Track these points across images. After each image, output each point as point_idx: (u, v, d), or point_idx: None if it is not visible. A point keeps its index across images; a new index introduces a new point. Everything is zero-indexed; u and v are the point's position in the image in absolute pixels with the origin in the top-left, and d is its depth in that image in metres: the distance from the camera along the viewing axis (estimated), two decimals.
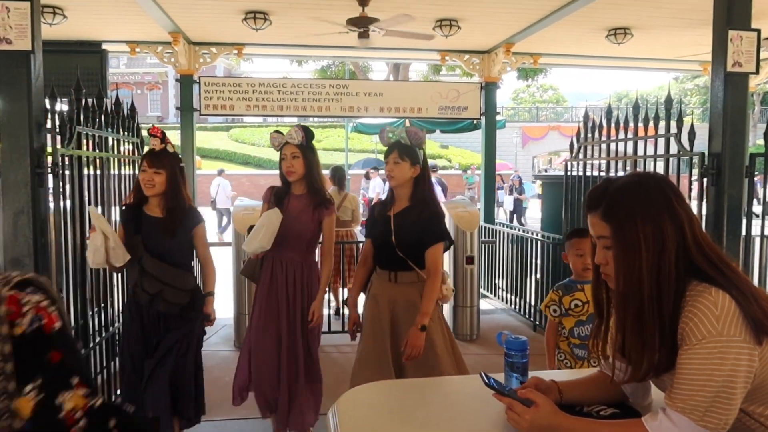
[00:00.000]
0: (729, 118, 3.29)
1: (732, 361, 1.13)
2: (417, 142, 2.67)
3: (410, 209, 2.68)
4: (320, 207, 2.99)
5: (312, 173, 2.98)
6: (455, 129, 9.77)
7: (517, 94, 47.24)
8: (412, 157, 2.64)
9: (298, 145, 2.93)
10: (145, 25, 5.71)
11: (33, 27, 2.67)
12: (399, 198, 2.73)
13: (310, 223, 2.99)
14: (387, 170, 2.68)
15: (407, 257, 2.66)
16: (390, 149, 2.67)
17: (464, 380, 1.71)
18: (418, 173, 2.68)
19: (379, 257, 2.80)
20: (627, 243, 1.23)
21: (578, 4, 4.98)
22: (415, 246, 2.64)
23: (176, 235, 2.78)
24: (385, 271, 2.75)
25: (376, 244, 2.82)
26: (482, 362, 4.60)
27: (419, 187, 2.69)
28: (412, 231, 2.63)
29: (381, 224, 2.75)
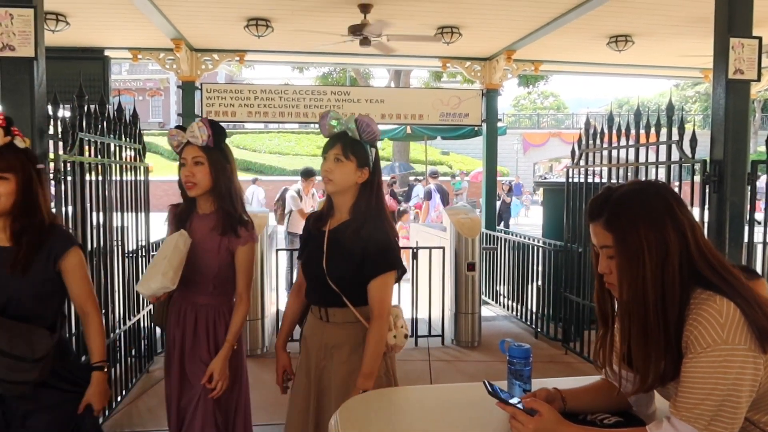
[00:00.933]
0: (731, 126, 3.30)
1: (737, 370, 1.13)
2: (369, 137, 1.99)
3: (349, 225, 1.99)
4: (230, 232, 2.24)
5: (221, 185, 2.24)
6: (456, 135, 9.79)
7: (518, 100, 47.32)
8: (360, 156, 1.97)
9: (203, 146, 2.22)
10: (147, 31, 5.73)
11: (36, 34, 2.68)
12: (338, 209, 2.05)
13: (215, 253, 2.24)
14: (323, 170, 1.96)
15: (340, 289, 1.97)
16: (331, 142, 1.99)
17: (467, 388, 1.70)
18: (367, 178, 1.99)
19: (309, 286, 2.12)
20: (630, 251, 1.23)
21: (579, 11, 4.99)
22: (350, 275, 1.96)
23: (30, 272, 1.86)
24: (316, 307, 2.11)
25: (305, 269, 2.14)
26: (484, 369, 4.58)
27: (364, 197, 2.00)
28: (348, 254, 1.96)
29: (313, 242, 2.09)
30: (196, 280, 2.26)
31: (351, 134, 1.98)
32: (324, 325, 2.06)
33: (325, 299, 2.04)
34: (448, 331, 5.25)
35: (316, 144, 32.73)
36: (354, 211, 2.00)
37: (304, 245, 2.18)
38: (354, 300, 1.98)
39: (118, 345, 3.77)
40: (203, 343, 2.29)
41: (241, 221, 2.28)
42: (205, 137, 2.21)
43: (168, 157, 30.16)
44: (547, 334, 5.36)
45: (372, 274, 1.94)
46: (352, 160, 1.96)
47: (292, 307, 2.26)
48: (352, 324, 2.00)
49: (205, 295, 2.31)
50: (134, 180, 4.01)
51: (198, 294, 2.30)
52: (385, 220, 2.02)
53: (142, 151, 4.11)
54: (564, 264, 5.01)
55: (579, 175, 4.77)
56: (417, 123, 7.19)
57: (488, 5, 5.06)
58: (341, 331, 2.03)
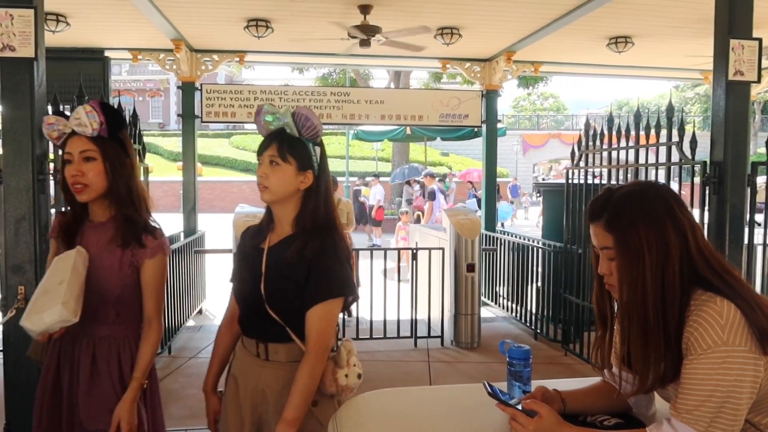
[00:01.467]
0: (731, 127, 3.30)
1: (737, 371, 1.13)
2: (310, 133, 1.65)
3: (292, 240, 1.65)
4: (133, 243, 1.83)
5: (119, 186, 1.82)
6: (456, 137, 9.81)
7: (517, 102, 47.35)
8: (301, 157, 1.64)
9: (94, 137, 1.78)
10: (147, 32, 5.73)
11: (36, 34, 2.68)
12: (278, 222, 1.72)
13: (116, 271, 1.81)
14: (258, 174, 1.65)
15: (284, 320, 1.62)
16: (266, 142, 1.67)
17: (467, 389, 1.70)
18: (311, 184, 1.67)
19: (243, 316, 1.76)
20: (630, 252, 1.23)
21: (579, 12, 4.99)
22: (295, 302, 1.62)
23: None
24: (252, 341, 1.71)
25: (238, 293, 1.79)
26: (483, 370, 4.58)
27: (309, 207, 1.67)
28: (292, 277, 1.61)
29: (248, 262, 1.73)
30: (93, 307, 1.78)
31: (289, 131, 1.64)
32: (262, 365, 1.67)
33: (264, 332, 1.67)
34: (448, 332, 5.25)
35: None
36: (298, 223, 1.67)
37: (237, 266, 1.81)
38: (301, 332, 1.62)
39: None
40: (106, 384, 1.82)
41: (146, 228, 1.87)
42: (95, 125, 1.76)
43: (168, 158, 30.19)
44: (546, 335, 5.36)
45: (312, 301, 1.59)
46: (290, 163, 1.63)
47: (225, 340, 1.86)
48: (298, 363, 1.60)
49: (105, 325, 1.83)
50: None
51: (96, 324, 1.81)
52: (336, 234, 1.67)
53: (141, 151, 4.10)
54: (563, 265, 5.01)
55: (579, 176, 4.78)
56: (417, 124, 7.20)
57: (488, 6, 5.06)
58: (284, 372, 1.64)
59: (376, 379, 4.37)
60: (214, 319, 6.34)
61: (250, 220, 4.94)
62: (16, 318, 2.66)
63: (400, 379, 4.41)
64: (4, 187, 2.69)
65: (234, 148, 32.53)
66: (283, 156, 1.63)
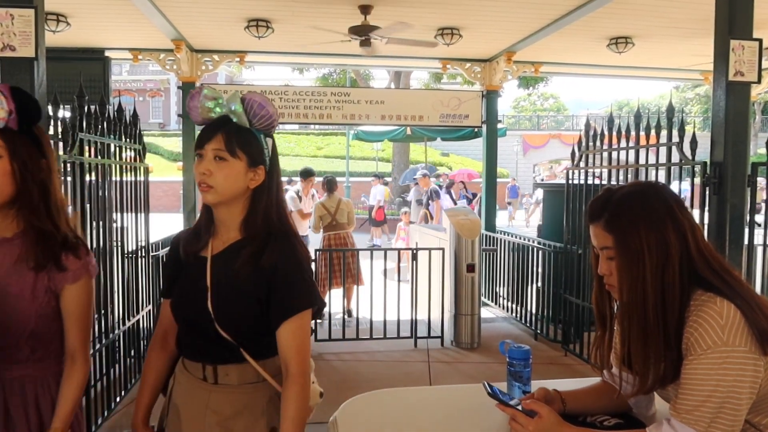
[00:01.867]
0: (731, 127, 3.30)
1: (737, 371, 1.13)
2: (263, 123, 1.42)
3: (241, 247, 1.42)
4: (50, 265, 1.46)
5: (31, 191, 1.46)
6: (456, 137, 9.80)
7: (517, 102, 47.35)
8: (252, 150, 1.41)
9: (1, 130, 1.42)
10: (147, 32, 5.74)
11: (37, 34, 2.68)
12: (223, 225, 1.47)
13: (28, 298, 1.45)
14: (198, 173, 1.40)
15: (237, 338, 1.40)
16: (209, 132, 1.40)
17: (467, 389, 1.70)
18: (262, 181, 1.44)
19: (185, 336, 1.50)
20: (630, 253, 1.23)
21: (579, 13, 4.99)
22: (249, 317, 1.40)
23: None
24: (197, 363, 1.46)
25: (177, 311, 1.51)
26: (483, 371, 4.58)
27: (260, 208, 1.44)
28: (245, 288, 1.40)
29: (188, 274, 1.49)
30: (1, 343, 1.44)
31: (237, 120, 1.40)
32: (210, 390, 1.44)
33: (213, 354, 1.43)
34: (448, 333, 5.25)
35: (315, 145, 32.75)
36: (247, 227, 1.44)
37: (172, 278, 1.54)
38: (256, 351, 1.41)
39: (118, 345, 3.77)
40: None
41: (66, 245, 1.48)
42: (2, 114, 1.39)
43: (168, 158, 30.19)
44: (546, 335, 5.36)
45: (282, 316, 1.38)
46: (240, 158, 1.39)
47: (156, 365, 1.57)
48: (253, 385, 1.43)
49: (17, 364, 1.47)
50: (134, 180, 4.01)
51: (5, 363, 1.46)
52: (294, 238, 1.45)
53: (142, 151, 4.11)
54: (564, 265, 5.01)
55: (579, 176, 4.78)
56: (417, 124, 7.20)
57: (488, 7, 5.07)
58: (237, 396, 1.43)
59: (375, 379, 4.37)
60: None
61: None
62: None
63: (400, 379, 4.41)
64: None
65: None
66: (231, 150, 1.38)
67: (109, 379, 3.56)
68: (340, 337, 5.13)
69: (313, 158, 30.82)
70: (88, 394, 3.25)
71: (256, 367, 1.41)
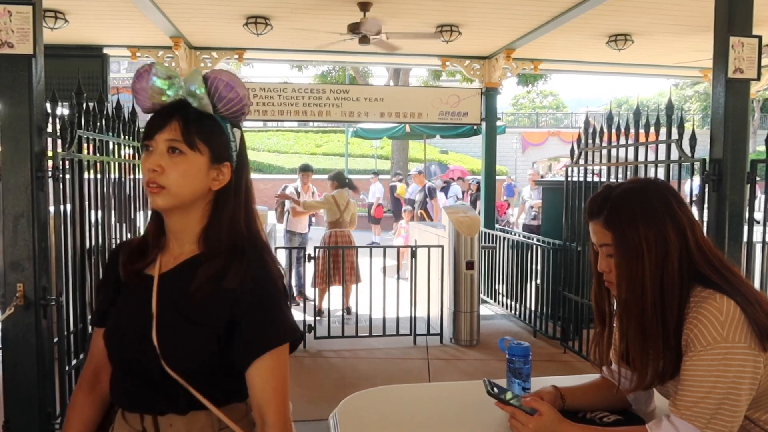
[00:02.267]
0: (730, 125, 3.29)
1: (737, 368, 1.13)
2: (230, 109, 1.15)
3: (199, 264, 1.13)
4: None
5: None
6: (455, 134, 9.79)
7: (516, 99, 47.33)
8: (215, 142, 1.14)
9: None
10: (146, 29, 5.72)
11: (35, 31, 2.67)
12: (175, 237, 1.18)
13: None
14: (147, 168, 1.10)
15: (189, 378, 1.10)
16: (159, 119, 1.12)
17: (467, 386, 1.70)
18: (228, 182, 1.16)
19: (121, 376, 1.18)
20: (629, 250, 1.23)
21: (578, 10, 4.99)
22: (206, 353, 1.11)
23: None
24: (135, 414, 1.16)
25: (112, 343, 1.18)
26: (482, 368, 4.59)
27: (225, 215, 1.15)
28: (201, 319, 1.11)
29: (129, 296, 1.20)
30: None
31: (197, 104, 1.11)
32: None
33: (156, 401, 1.12)
34: (447, 330, 5.25)
35: (314, 142, 32.72)
36: (208, 239, 1.14)
37: (107, 301, 1.23)
38: (215, 395, 1.12)
39: None
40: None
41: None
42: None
43: None
44: (545, 332, 5.37)
45: (252, 353, 1.10)
46: (200, 151, 1.11)
47: (83, 411, 1.24)
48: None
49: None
50: (133, 178, 4.00)
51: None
52: (267, 254, 1.16)
53: (140, 149, 4.10)
54: (563, 263, 5.01)
55: (578, 173, 4.77)
56: (416, 122, 7.19)
57: (488, 4, 5.06)
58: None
59: (375, 376, 4.37)
60: None
61: None
62: (14, 316, 2.66)
63: (399, 376, 4.41)
64: (2, 185, 2.69)
65: None
66: (190, 141, 1.09)
67: None
68: (339, 335, 5.13)
69: (312, 155, 30.79)
70: None
71: (217, 414, 1.10)
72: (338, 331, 5.16)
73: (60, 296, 2.87)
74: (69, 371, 3.01)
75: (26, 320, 2.71)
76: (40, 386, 2.75)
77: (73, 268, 3.08)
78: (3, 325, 2.74)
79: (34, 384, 2.73)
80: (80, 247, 3.17)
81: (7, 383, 2.76)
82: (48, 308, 2.76)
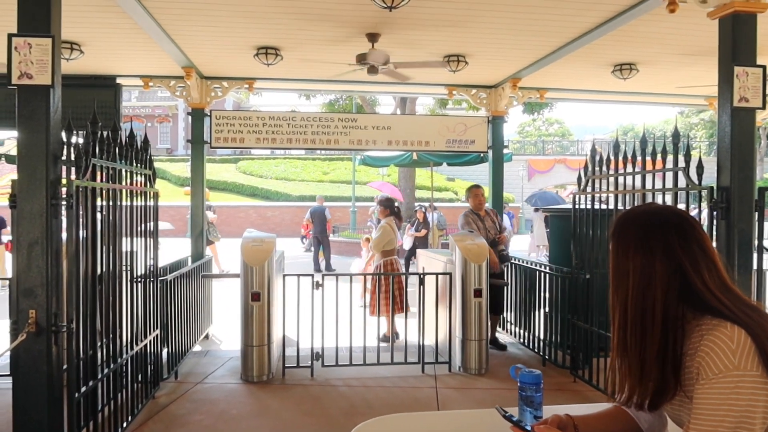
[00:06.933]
0: (737, 153, 3.31)
1: (749, 396, 1.12)
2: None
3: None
4: None
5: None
6: (462, 162, 9.85)
7: (522, 127, 47.60)
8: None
9: None
10: (158, 59, 5.84)
11: (53, 62, 2.75)
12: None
13: None
14: None
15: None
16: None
17: (478, 415, 1.69)
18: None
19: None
20: (619, 272, 1.30)
21: (583, 40, 5.06)
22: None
23: None
24: None
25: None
26: (492, 396, 4.54)
27: None
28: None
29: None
30: None
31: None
32: None
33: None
34: (455, 358, 5.21)
35: (321, 170, 32.92)
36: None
37: None
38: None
39: (125, 370, 3.76)
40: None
41: None
42: None
43: (175, 183, 30.39)
44: (555, 361, 5.31)
45: None
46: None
47: None
48: None
49: None
50: (144, 205, 4.04)
51: None
52: None
53: (152, 176, 4.15)
54: (571, 290, 4.98)
55: (586, 201, 4.78)
56: (423, 149, 7.24)
57: (494, 34, 5.14)
58: None
59: (384, 405, 4.33)
60: (220, 344, 6.32)
61: (257, 245, 4.96)
62: (26, 342, 2.68)
63: (408, 404, 4.37)
64: (17, 212, 2.73)
65: (241, 173, 32.75)
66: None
67: (116, 403, 3.55)
68: (347, 363, 5.10)
69: (319, 183, 30.95)
70: (95, 419, 3.24)
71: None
72: (346, 360, 5.13)
73: (71, 323, 2.88)
74: (78, 398, 3.00)
75: (37, 347, 2.73)
76: (50, 413, 2.75)
77: (84, 295, 3.10)
78: (13, 353, 2.76)
79: (44, 411, 2.74)
80: (91, 274, 3.19)
81: (17, 410, 2.76)
82: (59, 335, 2.78)
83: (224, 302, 7.38)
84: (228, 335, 6.54)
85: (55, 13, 2.86)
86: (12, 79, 2.73)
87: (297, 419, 4.04)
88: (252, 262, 4.80)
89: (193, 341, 5.73)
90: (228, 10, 4.54)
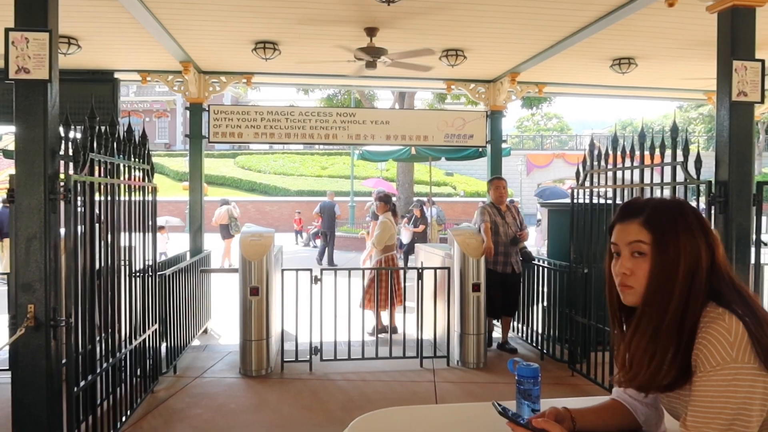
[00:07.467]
0: (735, 147, 3.32)
1: (747, 389, 1.13)
2: None
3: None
4: None
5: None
6: (461, 156, 9.83)
7: (521, 122, 47.55)
8: None
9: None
10: (156, 54, 5.82)
11: (51, 57, 2.74)
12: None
13: None
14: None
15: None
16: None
17: (476, 408, 1.70)
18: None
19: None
20: (667, 254, 1.25)
21: (582, 35, 5.05)
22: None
23: None
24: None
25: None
26: (490, 390, 4.55)
27: None
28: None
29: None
30: None
31: None
32: None
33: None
34: (454, 352, 5.22)
35: (320, 164, 32.90)
36: None
37: None
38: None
39: (124, 365, 3.77)
40: None
41: None
42: None
43: (173, 178, 30.36)
44: (553, 355, 5.33)
45: None
46: None
47: None
48: None
49: None
50: (142, 200, 4.04)
51: None
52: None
53: (150, 171, 4.15)
54: (570, 284, 4.99)
55: (584, 195, 4.79)
56: (422, 144, 7.24)
57: (493, 29, 5.13)
58: None
59: (382, 398, 4.35)
60: (219, 339, 6.33)
61: (256, 239, 4.96)
62: (24, 337, 2.68)
63: (406, 398, 4.38)
64: (16, 206, 2.73)
65: (239, 168, 32.73)
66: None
67: (114, 398, 3.56)
68: (346, 357, 5.11)
69: (317, 177, 30.94)
70: (94, 413, 3.25)
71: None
72: (344, 354, 5.14)
73: (69, 317, 2.88)
74: (77, 393, 3.00)
75: (36, 341, 2.73)
76: (49, 408, 2.76)
77: (82, 290, 3.10)
78: (11, 347, 2.76)
79: (43, 405, 2.74)
80: (89, 269, 3.19)
81: (16, 404, 2.77)
82: (57, 329, 2.78)
83: (223, 297, 7.39)
84: (227, 330, 6.55)
85: (53, 7, 2.85)
86: (9, 73, 2.72)
87: (295, 413, 4.05)
88: (250, 257, 4.81)
89: (191, 336, 5.74)
90: (226, 4, 4.53)
